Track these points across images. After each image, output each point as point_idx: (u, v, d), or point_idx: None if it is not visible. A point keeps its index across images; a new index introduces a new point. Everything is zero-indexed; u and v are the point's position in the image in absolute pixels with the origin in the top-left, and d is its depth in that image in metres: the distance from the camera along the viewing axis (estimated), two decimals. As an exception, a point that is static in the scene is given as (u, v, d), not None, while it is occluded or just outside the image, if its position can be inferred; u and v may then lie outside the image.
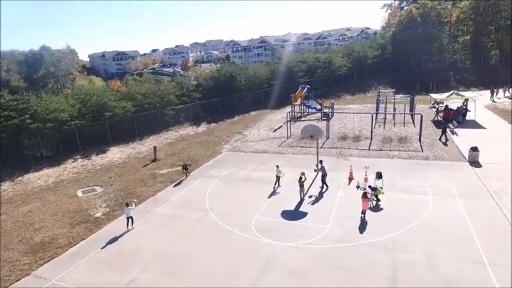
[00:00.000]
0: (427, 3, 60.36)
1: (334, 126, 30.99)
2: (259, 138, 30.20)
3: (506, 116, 30.24)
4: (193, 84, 42.29)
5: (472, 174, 18.17)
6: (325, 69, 52.82)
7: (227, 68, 45.85)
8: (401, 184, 17.62)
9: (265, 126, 34.89)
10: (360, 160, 21.92)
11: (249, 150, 26.66)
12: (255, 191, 18.63)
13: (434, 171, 18.98)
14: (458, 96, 29.81)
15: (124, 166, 26.27)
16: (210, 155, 26.45)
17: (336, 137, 27.99)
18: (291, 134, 29.45)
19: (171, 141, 32.26)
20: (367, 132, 28.06)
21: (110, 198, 19.91)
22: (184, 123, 38.31)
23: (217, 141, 30.75)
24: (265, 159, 23.88)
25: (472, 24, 64.15)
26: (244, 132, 33.10)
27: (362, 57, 57.20)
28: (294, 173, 20.51)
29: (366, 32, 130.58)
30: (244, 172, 21.78)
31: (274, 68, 50.29)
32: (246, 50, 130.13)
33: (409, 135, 26.54)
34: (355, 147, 24.73)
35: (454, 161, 20.37)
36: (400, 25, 61.37)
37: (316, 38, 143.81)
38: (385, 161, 21.31)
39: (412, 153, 22.17)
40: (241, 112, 42.29)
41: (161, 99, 37.27)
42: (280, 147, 26.37)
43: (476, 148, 19.48)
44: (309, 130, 18.92)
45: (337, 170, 20.53)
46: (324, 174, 17.77)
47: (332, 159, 22.44)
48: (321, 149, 24.57)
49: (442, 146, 23.27)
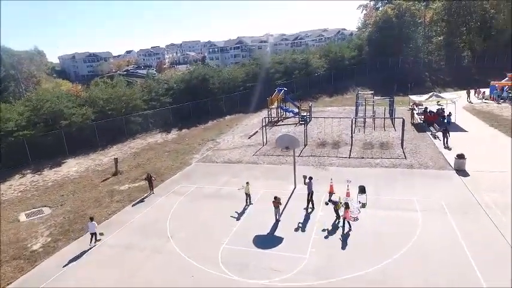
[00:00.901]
0: (401, 4, 60.36)
1: (312, 131, 29.29)
2: (233, 145, 27.99)
3: (484, 118, 29.62)
4: (163, 88, 39.48)
5: (460, 185, 16.79)
6: (303, 71, 51.39)
7: (200, 70, 43.36)
8: (387, 199, 15.94)
9: (240, 131, 32.73)
10: (340, 170, 20.17)
11: (221, 160, 24.40)
12: (225, 210, 16.40)
13: (421, 182, 17.47)
14: (438, 98, 28.85)
15: (80, 181, 23.34)
16: (178, 166, 23.97)
17: (315, 143, 26.24)
18: (266, 140, 27.45)
19: (137, 151, 29.46)
20: (347, 137, 26.51)
21: (56, 223, 17.08)
22: (153, 130, 35.50)
23: (188, 149, 28.27)
24: (238, 171, 21.69)
25: (445, 25, 64.91)
26: (218, 139, 30.79)
27: (339, 58, 56.25)
28: (269, 187, 18.51)
29: (343, 33, 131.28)
30: (214, 187, 19.50)
31: (250, 69, 48.28)
32: (222, 51, 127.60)
33: (390, 140, 25.17)
34: (335, 154, 23.02)
35: (439, 169, 19.00)
36: (376, 25, 61.06)
37: (293, 38, 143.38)
38: (367, 171, 19.66)
39: (395, 161, 20.67)
40: (216, 117, 39.93)
41: (127, 104, 34.30)
42: (255, 156, 24.28)
43: (462, 155, 18.18)
44: (284, 140, 16.92)
45: (316, 182, 18.57)
46: (310, 192, 15.80)
47: (310, 170, 20.54)
48: (298, 158, 22.72)
49: (425, 152, 21.94)
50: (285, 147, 17.11)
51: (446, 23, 64.38)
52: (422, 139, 24.87)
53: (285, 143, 16.86)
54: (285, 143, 16.81)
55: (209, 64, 51.75)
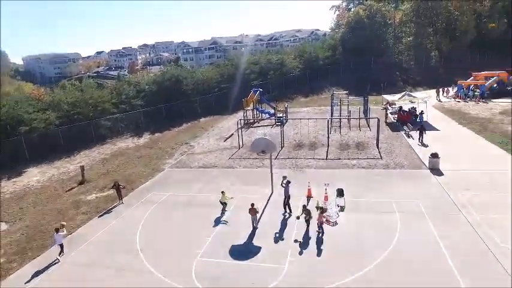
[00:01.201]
0: (373, 5, 61.63)
1: (288, 132, 28.92)
2: (208, 149, 27.08)
3: (454, 116, 30.47)
4: (133, 90, 37.84)
5: (436, 184, 16.88)
6: (278, 71, 51.17)
7: (172, 71, 41.98)
8: (365, 201, 15.71)
9: (215, 134, 31.84)
10: (318, 172, 19.84)
11: (196, 165, 23.45)
12: (199, 220, 15.56)
13: (397, 183, 17.44)
14: (410, 97, 29.37)
15: (42, 192, 21.65)
16: (150, 173, 22.77)
17: (291, 144, 25.86)
18: (242, 143, 26.76)
19: (106, 157, 27.88)
20: (323, 138, 26.31)
21: (11, 240, 15.56)
22: (123, 135, 33.85)
23: (161, 154, 27.06)
24: (213, 177, 20.86)
25: (413, 26, 66.93)
26: (192, 142, 29.75)
27: (314, 58, 56.56)
28: (245, 192, 17.83)
29: (316, 33, 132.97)
30: (188, 194, 18.55)
31: (224, 70, 47.42)
32: (197, 52, 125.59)
33: (366, 140, 25.23)
34: (312, 156, 22.72)
35: (414, 168, 19.11)
36: (349, 26, 61.98)
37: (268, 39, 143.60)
38: (345, 172, 19.45)
39: (371, 161, 20.62)
40: (190, 119, 38.74)
41: (95, 108, 32.50)
42: (231, 160, 23.54)
43: (436, 155, 18.36)
44: (260, 144, 16.26)
45: (293, 185, 18.11)
46: (287, 197, 15.26)
47: (288, 173, 20.03)
48: (275, 161, 22.20)
49: (400, 151, 22.10)
50: (261, 151, 16.45)
51: (414, 24, 66.40)
52: (397, 138, 25.12)
53: (260, 147, 16.23)
54: (261, 146, 16.18)
55: (182, 65, 50.24)
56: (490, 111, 31.05)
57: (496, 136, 23.47)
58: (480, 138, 23.61)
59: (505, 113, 29.75)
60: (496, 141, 22.40)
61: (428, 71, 62.34)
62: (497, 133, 24.09)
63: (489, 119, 28.38)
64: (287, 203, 15.32)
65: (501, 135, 23.39)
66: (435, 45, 67.74)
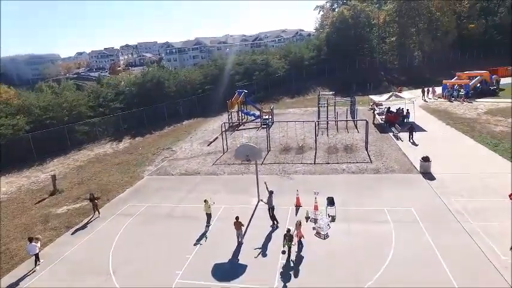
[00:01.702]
0: (357, 5, 61.57)
1: (275, 135, 27.94)
2: (191, 154, 25.79)
3: (440, 116, 30.23)
4: (112, 92, 36.07)
5: (428, 189, 16.22)
6: (263, 72, 50.23)
7: (154, 72, 40.36)
8: (357, 210, 14.86)
9: (199, 138, 30.55)
10: (306, 179, 18.91)
11: (178, 172, 22.13)
12: (180, 235, 14.33)
13: (389, 189, 16.69)
14: (398, 98, 28.92)
15: (8, 205, 19.91)
16: (128, 181, 21.32)
17: (278, 148, 24.89)
18: (227, 147, 25.63)
19: (82, 164, 26.18)
20: (311, 141, 25.50)
21: (-32, 264, 13.90)
22: (101, 140, 32.12)
23: (141, 160, 25.59)
24: (196, 185, 19.62)
25: (397, 26, 67.39)
26: (174, 147, 28.38)
27: (299, 58, 55.91)
28: (230, 201, 16.72)
29: (301, 33, 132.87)
30: (169, 205, 17.27)
31: (208, 71, 46.12)
32: (180, 52, 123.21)
33: (354, 142, 24.52)
34: (300, 160, 21.80)
35: (405, 172, 18.44)
36: (333, 26, 61.73)
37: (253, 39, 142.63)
38: (334, 178, 18.59)
39: (361, 166, 19.86)
40: (172, 122, 37.31)
41: (69, 112, 30.64)
42: (215, 166, 22.34)
43: (427, 158, 17.75)
44: (245, 151, 15.17)
45: (281, 193, 17.16)
46: (271, 208, 14.24)
47: (275, 179, 19.11)
48: (261, 166, 21.18)
49: (389, 154, 21.45)
50: (246, 157, 15.33)
51: (397, 24, 66.87)
52: (386, 140, 24.53)
53: (245, 154, 15.12)
54: (246, 153, 15.07)
55: (164, 66, 48.58)
56: (475, 111, 30.99)
57: (483, 137, 23.18)
58: (468, 139, 23.27)
59: (490, 113, 29.71)
60: (484, 142, 22.07)
61: (411, 70, 62.82)
62: (485, 133, 23.81)
63: (475, 119, 28.23)
64: (272, 214, 14.30)
65: (489, 136, 23.11)
66: (418, 45, 68.45)
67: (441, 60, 63.74)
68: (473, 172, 17.49)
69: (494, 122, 26.58)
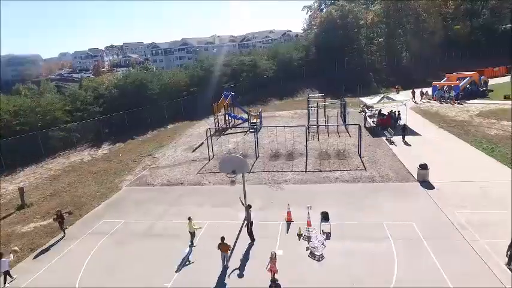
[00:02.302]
0: (345, 6, 60.94)
1: (263, 140, 26.65)
2: (174, 161, 24.20)
3: (432, 119, 29.51)
4: (91, 96, 34.07)
5: (428, 200, 15.16)
6: (251, 73, 48.93)
7: (136, 74, 38.51)
8: (353, 225, 13.64)
9: (183, 143, 28.96)
10: (297, 189, 17.63)
11: (159, 182, 20.53)
12: (158, 257, 12.79)
13: (386, 199, 15.55)
14: (389, 100, 28.01)
15: (-30, 222, 17.88)
16: (104, 193, 19.60)
17: (267, 154, 23.57)
18: (213, 154, 24.16)
19: (56, 174, 24.27)
20: (301, 146, 24.30)
21: None
22: (79, 146, 30.13)
23: (120, 169, 23.86)
24: (178, 197, 18.09)
25: (384, 27, 67.21)
26: (157, 153, 26.72)
27: (287, 59, 54.81)
28: (215, 216, 15.27)
29: (288, 34, 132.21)
30: (147, 221, 15.69)
31: (194, 72, 44.50)
32: (166, 53, 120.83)
33: (346, 147, 23.41)
34: (290, 168, 20.51)
35: (402, 181, 17.37)
36: (321, 26, 60.96)
37: (240, 40, 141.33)
38: (327, 188, 17.36)
39: (355, 174, 18.72)
40: (156, 126, 35.56)
41: (43, 117, 28.55)
42: (200, 175, 20.83)
43: (425, 166, 16.72)
44: (230, 164, 13.72)
45: (270, 207, 15.86)
46: (250, 223, 12.90)
47: (264, 190, 17.77)
48: (249, 175, 19.81)
49: (384, 161, 20.39)
50: (232, 172, 13.89)
51: (385, 24, 66.69)
52: (379, 145, 23.51)
53: (230, 167, 13.68)
54: (231, 166, 13.63)
55: (148, 67, 46.70)
56: (467, 113, 30.41)
57: (479, 141, 22.41)
58: (463, 143, 22.46)
59: (482, 115, 29.16)
60: (480, 147, 21.29)
61: (399, 71, 62.63)
62: (480, 137, 23.08)
63: (468, 121, 27.58)
64: (250, 230, 12.97)
65: (484, 140, 22.37)
66: (405, 45, 68.43)
67: (428, 61, 63.85)
68: (473, 180, 16.55)
69: (488, 125, 25.94)
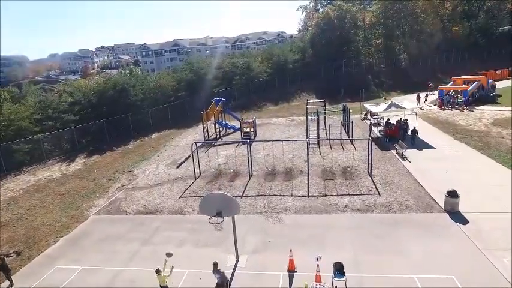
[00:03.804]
0: (342, 6, 58.34)
1: (258, 153, 23.55)
2: (155, 180, 20.94)
3: (445, 128, 26.71)
4: (64, 102, 30.63)
5: (464, 240, 12.17)
6: (244, 76, 45.80)
7: (117, 78, 35.17)
8: (375, 278, 10.56)
9: (167, 157, 25.71)
10: (299, 221, 14.50)
11: (134, 208, 17.25)
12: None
13: (411, 238, 12.53)
14: (398, 108, 25.12)
15: None
16: (66, 224, 16.27)
17: (262, 172, 20.45)
18: (199, 171, 21.00)
19: (16, 195, 20.84)
20: (301, 161, 21.30)
21: None
22: (50, 160, 26.73)
23: (91, 189, 20.55)
24: (154, 231, 14.84)
25: (383, 28, 64.80)
26: (137, 169, 23.45)
27: (282, 61, 51.85)
28: (197, 261, 12.05)
29: (282, 35, 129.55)
30: (111, 268, 12.40)
31: (183, 76, 41.27)
32: (157, 54, 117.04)
33: (353, 163, 20.43)
34: (289, 191, 17.41)
35: (426, 210, 14.39)
36: (318, 27, 58.23)
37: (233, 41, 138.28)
38: (336, 220, 14.27)
39: (367, 199, 15.70)
40: (140, 135, 32.29)
41: (6, 127, 25.11)
42: (183, 200, 17.61)
43: (455, 193, 13.74)
44: (215, 204, 10.13)
45: (267, 248, 12.71)
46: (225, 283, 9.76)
47: (259, 222, 14.63)
48: (241, 199, 16.71)
49: (399, 182, 17.38)
50: (217, 215, 10.27)
51: (383, 25, 64.32)
52: (389, 161, 20.55)
53: (214, 208, 10.11)
54: (215, 207, 10.10)
55: (132, 69, 43.32)
56: (481, 122, 27.69)
57: (504, 156, 19.59)
58: (487, 158, 19.63)
59: (499, 124, 26.46)
60: (507, 164, 18.43)
61: (398, 73, 60.25)
62: (504, 152, 20.26)
63: (485, 132, 24.81)
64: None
65: (510, 155, 19.54)
66: (404, 47, 66.17)
67: (427, 63, 61.68)
68: (510, 211, 13.64)
69: (509, 136, 23.17)
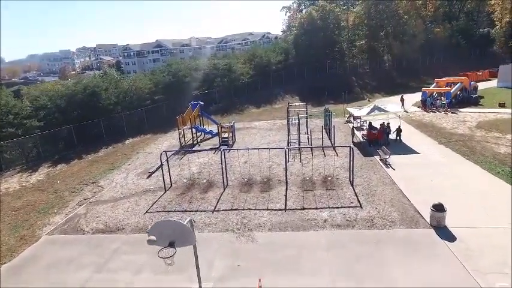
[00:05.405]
0: (325, 6, 57.71)
1: (235, 160, 22.11)
2: (121, 193, 19.24)
3: (429, 132, 25.95)
4: (29, 107, 28.49)
5: (452, 260, 11.06)
6: (225, 78, 44.40)
7: (88, 80, 33.16)
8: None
9: (139, 165, 24.00)
10: (274, 240, 13.13)
11: (93, 227, 15.54)
12: None
13: (395, 259, 11.35)
14: (381, 111, 24.18)
15: None
16: (13, 247, 14.42)
17: (238, 182, 19.05)
18: (171, 182, 19.46)
19: (-34, 212, 18.74)
20: (280, 169, 20.01)
21: None
22: (8, 171, 24.62)
23: (50, 204, 18.72)
24: (112, 254, 13.20)
25: (366, 29, 64.57)
26: (103, 179, 21.68)
27: (265, 62, 50.73)
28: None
29: (268, 36, 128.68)
30: (56, 302, 10.79)
31: (160, 78, 39.51)
32: (139, 55, 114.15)
33: (335, 171, 19.27)
34: (266, 204, 16.06)
35: (410, 225, 13.27)
36: (301, 28, 57.41)
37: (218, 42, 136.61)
38: (314, 238, 12.98)
39: (348, 213, 14.49)
40: (112, 142, 30.42)
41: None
42: (149, 216, 16.00)
43: (441, 207, 12.66)
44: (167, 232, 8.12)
45: (236, 274, 11.31)
46: None
47: (229, 242, 13.20)
48: (212, 214, 15.28)
49: (382, 192, 16.30)
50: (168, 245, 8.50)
51: (367, 26, 64.09)
52: (372, 168, 19.48)
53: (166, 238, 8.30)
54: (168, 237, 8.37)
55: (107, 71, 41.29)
56: (465, 125, 27.08)
57: (490, 162, 18.78)
58: (472, 165, 18.78)
59: (482, 127, 25.88)
60: (494, 171, 17.62)
61: (382, 75, 60.10)
62: (490, 157, 19.48)
63: (469, 135, 24.13)
64: None
65: (496, 162, 18.77)
66: (387, 48, 66.18)
67: (410, 64, 61.83)
68: (500, 224, 12.67)
69: (493, 140, 22.54)
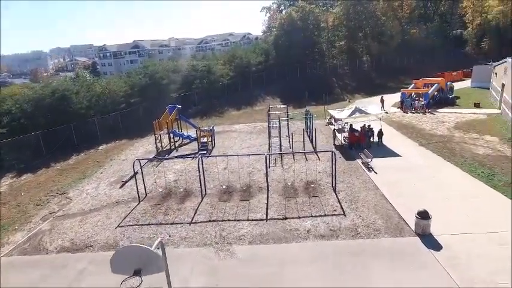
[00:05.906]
0: (305, 7, 57.66)
1: (214, 167, 21.20)
2: (92, 204, 17.96)
3: (409, 133, 25.93)
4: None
5: (440, 272, 10.63)
6: (205, 80, 43.35)
7: (57, 84, 31.34)
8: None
9: (113, 173, 22.67)
10: (254, 254, 12.37)
11: (58, 245, 14.25)
12: None
13: (381, 272, 10.84)
14: (362, 114, 23.90)
15: None
16: (-34, 272, 13.00)
17: (217, 190, 18.17)
18: (145, 192, 18.37)
19: None
20: (261, 175, 19.30)
21: None
22: (-32, 182, 22.67)
23: (12, 219, 17.21)
24: (76, 276, 12.03)
25: (345, 30, 65.07)
26: (73, 190, 20.27)
27: (245, 63, 50.03)
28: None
29: (248, 37, 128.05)
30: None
31: (136, 80, 37.98)
32: (116, 56, 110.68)
33: (317, 177, 18.74)
34: (246, 214, 15.28)
35: (395, 234, 12.84)
36: (282, 28, 57.09)
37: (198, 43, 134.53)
38: (295, 251, 12.31)
39: (332, 222, 13.94)
40: (85, 148, 28.82)
41: None
42: (120, 230, 14.87)
43: (426, 214, 12.30)
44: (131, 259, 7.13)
45: (214, 292, 10.49)
46: None
47: (207, 256, 12.34)
48: (190, 227, 14.37)
49: (365, 198, 15.86)
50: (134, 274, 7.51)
51: (346, 27, 64.60)
52: (355, 172, 19.09)
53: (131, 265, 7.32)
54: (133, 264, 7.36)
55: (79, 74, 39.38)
56: (443, 126, 27.31)
57: (470, 164, 18.78)
58: (453, 167, 18.72)
59: (460, 128, 26.14)
60: (473, 172, 17.61)
61: (361, 75, 60.65)
62: (469, 159, 19.51)
63: (448, 136, 24.26)
64: None
65: (476, 163, 18.79)
66: (366, 49, 66.93)
67: (388, 64, 62.81)
68: (484, 230, 12.42)
69: (472, 141, 22.72)
